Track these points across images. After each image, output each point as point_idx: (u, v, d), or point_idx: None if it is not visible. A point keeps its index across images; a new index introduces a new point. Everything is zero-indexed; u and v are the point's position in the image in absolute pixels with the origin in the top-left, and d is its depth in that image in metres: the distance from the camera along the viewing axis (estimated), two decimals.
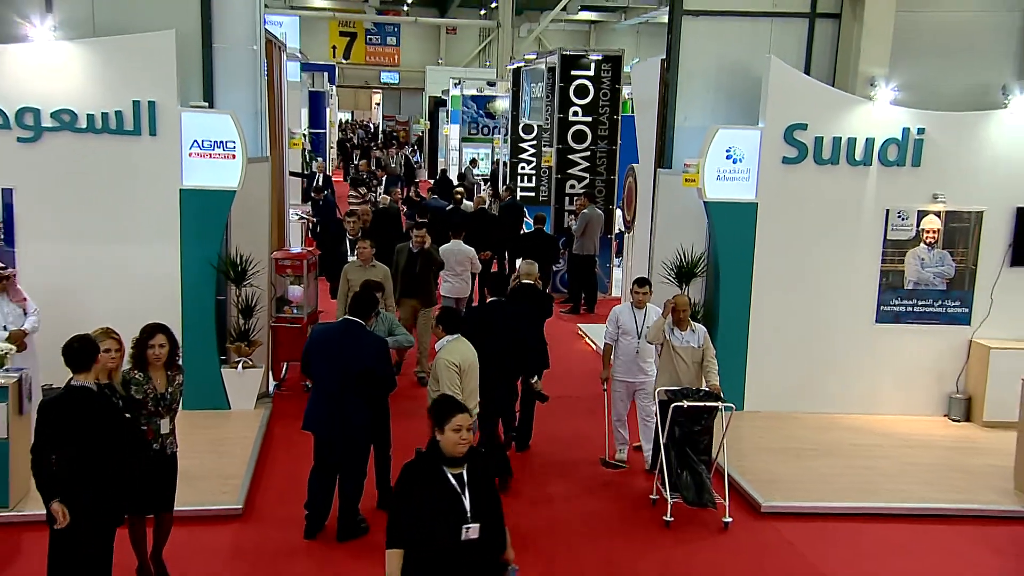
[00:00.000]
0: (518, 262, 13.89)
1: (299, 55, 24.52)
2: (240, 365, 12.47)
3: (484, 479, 5.92)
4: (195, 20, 12.68)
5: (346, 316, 9.82)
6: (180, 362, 8.33)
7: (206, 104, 12.65)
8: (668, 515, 9.15)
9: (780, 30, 13.66)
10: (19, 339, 10.01)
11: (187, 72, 12.48)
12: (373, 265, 12.40)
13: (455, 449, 5.61)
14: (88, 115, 11.75)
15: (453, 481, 5.57)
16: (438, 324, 9.93)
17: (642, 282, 11.28)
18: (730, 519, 8.93)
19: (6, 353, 9.51)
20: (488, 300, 11.65)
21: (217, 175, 12.14)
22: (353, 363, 9.29)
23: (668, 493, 9.30)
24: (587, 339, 16.21)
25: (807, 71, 13.47)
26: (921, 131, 12.67)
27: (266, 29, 14.71)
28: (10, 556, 8.66)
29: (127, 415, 7.52)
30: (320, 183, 23.24)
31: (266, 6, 26.16)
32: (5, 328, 10.13)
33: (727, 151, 12.82)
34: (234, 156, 12.11)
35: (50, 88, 11.76)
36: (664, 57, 14.22)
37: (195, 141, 12.03)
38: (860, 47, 13.14)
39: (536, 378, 10.66)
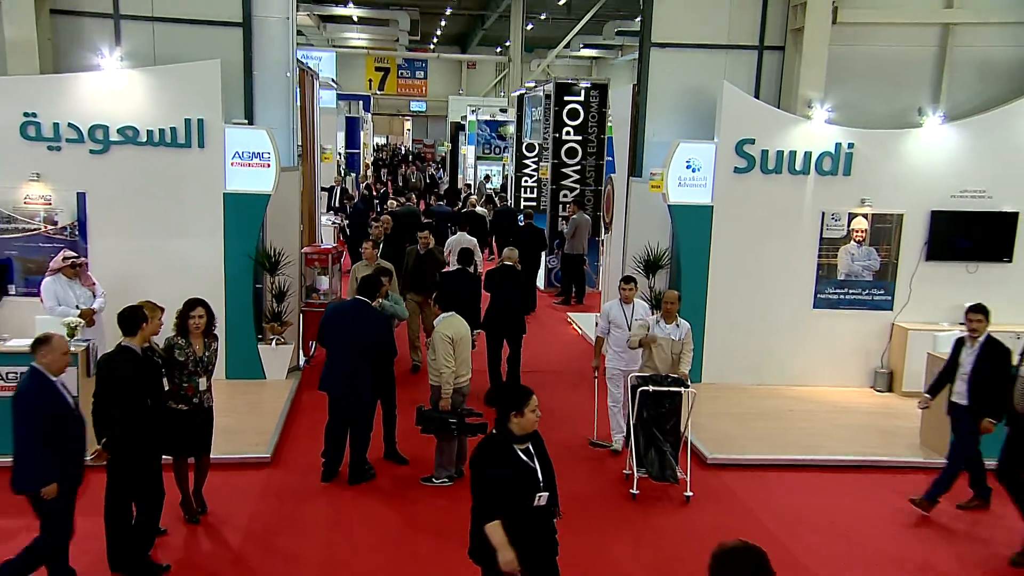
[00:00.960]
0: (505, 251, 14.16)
1: (333, 84, 24.23)
2: (274, 342, 12.75)
3: (543, 451, 5.95)
4: (238, 51, 12.94)
5: (356, 296, 10.03)
6: (216, 332, 8.56)
7: (246, 121, 12.88)
8: (635, 488, 9.20)
9: (733, 60, 13.86)
10: (88, 316, 10.24)
11: (230, 94, 12.63)
12: (378, 263, 12.40)
13: (532, 427, 5.74)
14: (148, 131, 12.00)
15: (524, 457, 5.70)
16: (435, 304, 10.15)
17: (628, 280, 11.19)
18: (691, 494, 8.92)
19: (77, 326, 9.75)
20: (456, 268, 11.99)
21: (254, 181, 12.34)
22: (360, 334, 9.63)
23: (636, 470, 9.34)
24: (575, 325, 16.45)
25: (756, 95, 13.65)
26: (851, 146, 12.93)
27: (299, 60, 14.73)
28: (81, 491, 8.67)
29: (163, 371, 7.91)
30: (339, 196, 23.33)
31: (310, 44, 26.06)
32: (78, 307, 10.34)
33: (687, 162, 13.05)
34: (269, 165, 12.30)
35: (117, 108, 11.98)
36: (635, 83, 14.42)
37: (236, 152, 12.26)
38: (800, 75, 13.31)
39: (476, 332, 10.72)
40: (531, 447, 5.78)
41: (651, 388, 9.39)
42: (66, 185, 12.04)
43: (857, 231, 13.22)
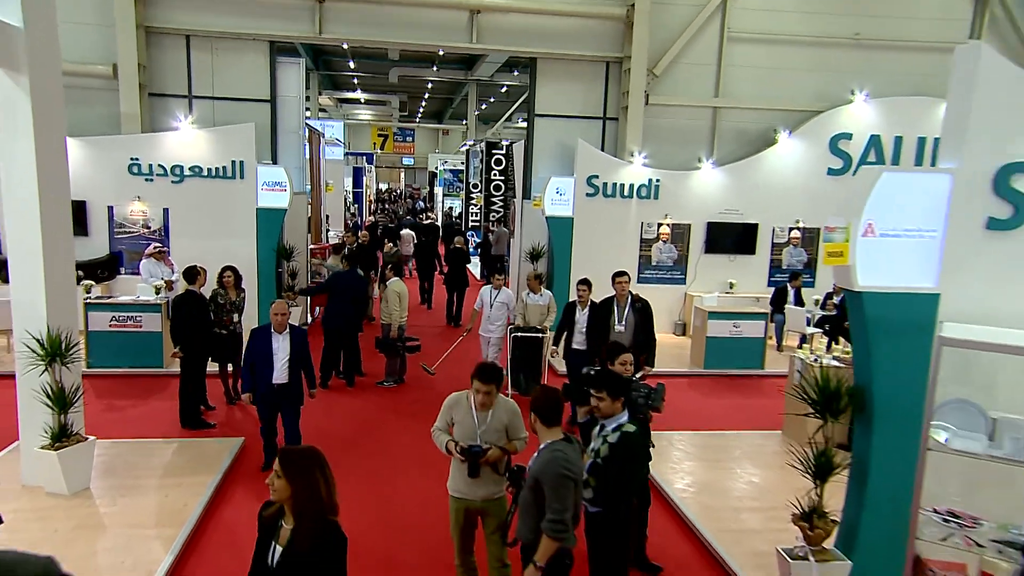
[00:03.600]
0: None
1: (339, 143, 24.01)
2: (293, 304, 12.51)
3: None
4: (267, 118, 13.37)
5: (352, 268, 10.83)
6: (243, 287, 9.22)
7: (271, 162, 13.27)
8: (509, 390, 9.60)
9: (586, 125, 14.35)
10: (168, 285, 10.75)
11: (261, 145, 13.04)
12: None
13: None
14: (208, 168, 12.50)
15: None
16: (390, 269, 10.74)
17: (500, 272, 11.52)
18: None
19: (160, 288, 10.56)
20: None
21: (276, 200, 12.70)
22: (351, 289, 10.39)
23: (510, 388, 9.78)
24: None
25: (601, 148, 14.23)
26: (658, 181, 13.66)
27: (308, 124, 15.14)
28: (161, 391, 9.57)
29: (211, 308, 8.68)
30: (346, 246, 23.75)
31: (330, 117, 26.06)
32: (162, 278, 10.81)
33: (557, 189, 13.70)
34: (285, 190, 12.68)
35: (188, 154, 12.46)
36: (526, 139, 14.88)
37: (264, 182, 12.67)
38: (627, 135, 13.84)
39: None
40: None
41: (520, 334, 9.90)
42: (156, 203, 12.48)
43: (663, 234, 13.88)
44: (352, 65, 23.28)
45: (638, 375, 6.23)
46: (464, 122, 32.74)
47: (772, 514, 6.34)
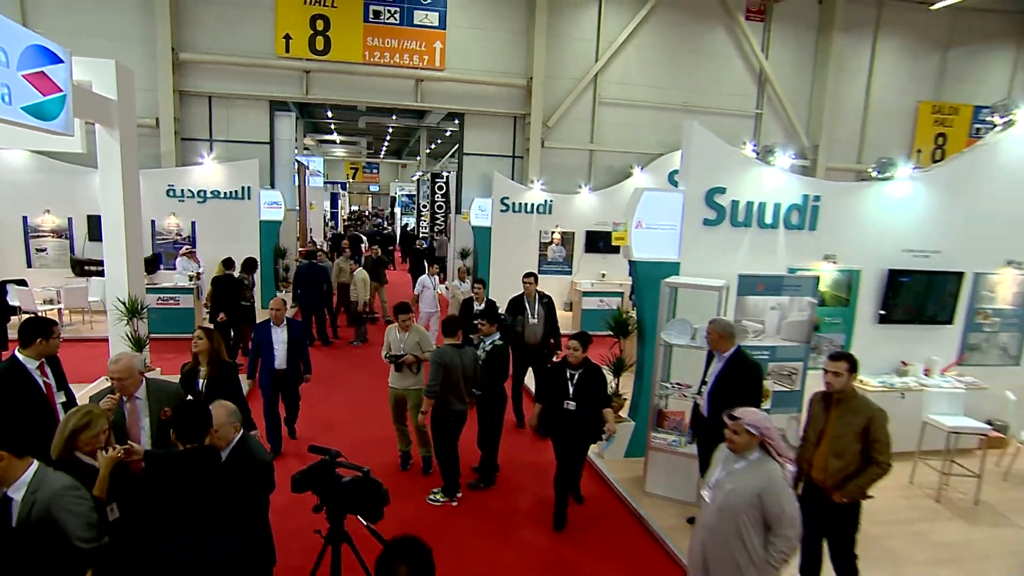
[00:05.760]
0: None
1: (319, 173, 24.02)
2: (284, 291, 13.59)
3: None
4: (266, 155, 13.81)
5: (311, 261, 10.97)
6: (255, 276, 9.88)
7: (270, 187, 13.63)
8: None
9: (500, 161, 15.12)
10: (196, 276, 11.36)
11: (263, 174, 13.40)
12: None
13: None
14: (224, 191, 12.77)
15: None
16: (352, 262, 11.57)
17: (439, 261, 12.60)
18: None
19: (191, 277, 11.29)
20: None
21: (273, 215, 13.10)
22: (312, 277, 10.72)
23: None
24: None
25: (512, 177, 14.89)
26: (552, 201, 14.23)
27: (297, 159, 15.57)
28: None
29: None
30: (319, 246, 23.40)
31: (312, 154, 25.66)
32: (194, 272, 11.39)
33: (480, 206, 14.50)
34: (280, 207, 13.15)
35: (210, 182, 12.73)
36: (458, 171, 15.47)
37: (265, 202, 13.03)
38: (528, 168, 14.78)
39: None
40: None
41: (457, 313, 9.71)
42: (186, 218, 12.68)
43: (555, 239, 14.38)
44: (330, 115, 23.59)
45: (554, 357, 7.22)
46: (418, 158, 32.85)
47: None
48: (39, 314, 10.66)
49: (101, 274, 10.29)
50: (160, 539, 2.64)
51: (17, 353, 4.19)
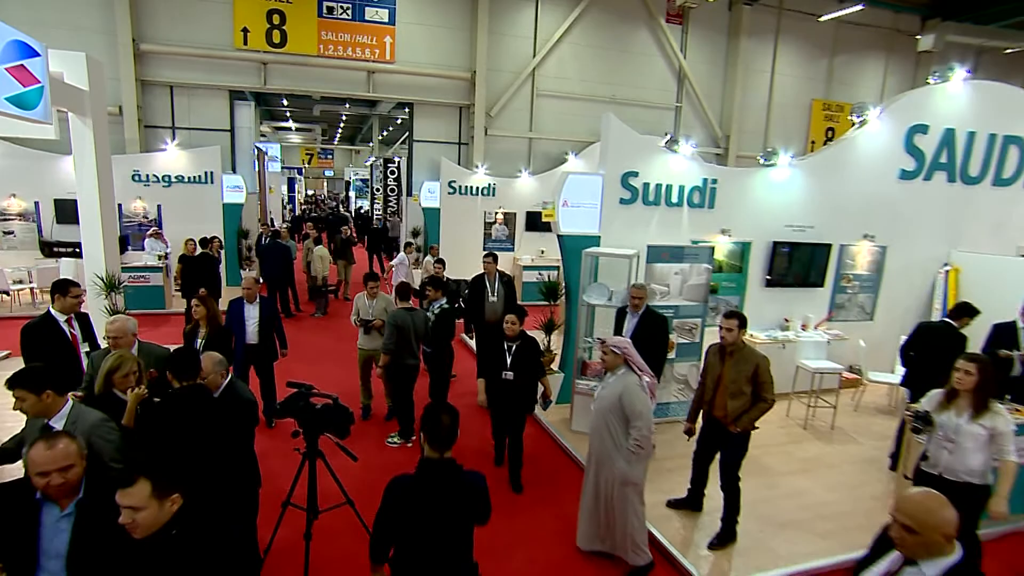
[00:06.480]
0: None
1: (277, 159, 23.83)
2: (249, 269, 13.29)
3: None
4: (227, 142, 13.67)
5: (274, 240, 11.29)
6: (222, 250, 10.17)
7: (231, 171, 13.54)
8: None
9: (447, 147, 15.06)
10: (164, 256, 11.37)
11: (224, 159, 13.29)
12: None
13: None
14: (188, 176, 12.66)
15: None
16: (316, 243, 11.81)
17: (407, 245, 12.58)
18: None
19: (160, 256, 11.26)
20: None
21: (235, 198, 13.01)
22: (275, 253, 11.02)
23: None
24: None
25: (458, 162, 14.85)
26: (495, 184, 14.38)
27: (256, 146, 15.35)
28: (165, 323, 10.12)
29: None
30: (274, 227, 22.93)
31: (268, 140, 25.05)
32: (158, 250, 11.45)
33: (429, 189, 14.59)
34: (241, 191, 13.07)
35: (174, 167, 12.53)
36: (408, 156, 15.32)
37: (228, 186, 12.92)
38: (473, 154, 14.66)
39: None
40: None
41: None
42: (152, 202, 12.55)
43: (499, 219, 14.60)
44: (286, 103, 23.29)
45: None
46: (370, 144, 32.53)
47: None
48: (9, 293, 10.55)
49: (71, 255, 10.23)
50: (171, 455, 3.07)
51: (50, 308, 4.74)
